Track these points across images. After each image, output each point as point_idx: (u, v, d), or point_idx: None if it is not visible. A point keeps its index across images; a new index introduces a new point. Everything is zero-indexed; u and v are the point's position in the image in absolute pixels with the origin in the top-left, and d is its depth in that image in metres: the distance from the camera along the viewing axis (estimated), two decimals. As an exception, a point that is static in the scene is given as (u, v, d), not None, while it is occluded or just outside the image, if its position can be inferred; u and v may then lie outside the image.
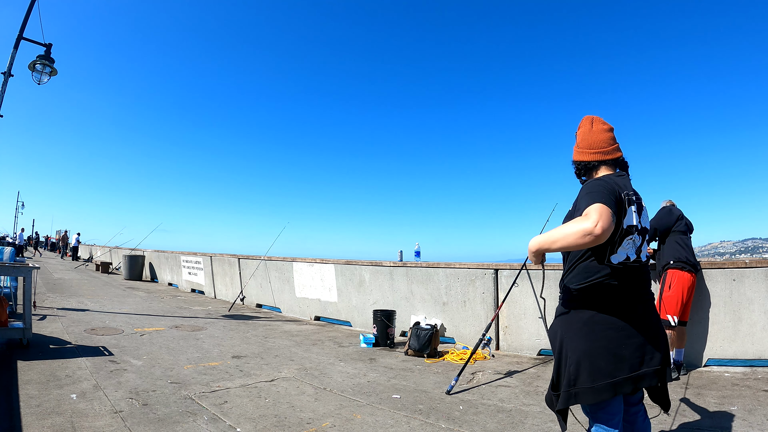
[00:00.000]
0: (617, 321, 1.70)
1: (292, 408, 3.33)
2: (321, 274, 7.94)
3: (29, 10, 7.04)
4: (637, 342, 1.69)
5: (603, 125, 1.96)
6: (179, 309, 8.60)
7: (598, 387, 1.66)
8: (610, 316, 1.70)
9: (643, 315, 1.74)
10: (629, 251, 1.74)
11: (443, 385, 4.02)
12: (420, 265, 6.51)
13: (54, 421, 2.80)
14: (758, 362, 4.33)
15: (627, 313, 1.71)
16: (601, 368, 1.67)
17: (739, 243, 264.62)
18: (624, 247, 1.72)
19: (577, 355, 1.72)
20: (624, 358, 1.67)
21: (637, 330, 1.70)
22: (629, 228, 1.72)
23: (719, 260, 5.77)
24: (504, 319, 5.55)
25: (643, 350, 1.69)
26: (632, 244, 1.74)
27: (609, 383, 1.65)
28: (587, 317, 1.73)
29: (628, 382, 1.66)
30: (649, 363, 1.68)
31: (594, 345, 1.69)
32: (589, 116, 2.00)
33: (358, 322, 7.21)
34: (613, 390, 1.65)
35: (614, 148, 1.92)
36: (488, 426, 3.07)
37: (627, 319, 1.70)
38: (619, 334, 1.69)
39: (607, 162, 1.90)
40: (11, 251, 5.52)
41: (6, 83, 6.91)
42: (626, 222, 1.71)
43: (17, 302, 5.63)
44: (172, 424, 2.90)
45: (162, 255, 14.63)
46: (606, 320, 1.70)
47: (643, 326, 1.71)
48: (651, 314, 1.77)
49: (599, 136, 1.93)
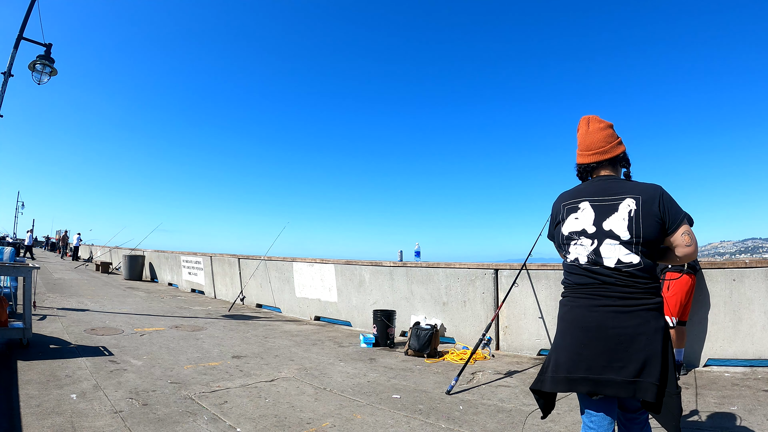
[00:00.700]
0: (582, 321, 1.73)
1: (292, 408, 3.33)
2: (321, 274, 7.94)
3: (29, 10, 7.04)
4: (602, 346, 1.67)
5: (599, 124, 1.95)
6: (179, 309, 8.60)
7: (556, 378, 1.74)
8: (577, 314, 1.76)
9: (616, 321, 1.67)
10: (578, 255, 1.82)
11: (443, 385, 4.02)
12: (420, 265, 6.51)
13: (54, 421, 2.80)
14: (758, 362, 4.34)
15: (595, 316, 1.71)
16: (561, 362, 1.74)
17: (739, 243, 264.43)
18: (572, 252, 1.85)
19: (551, 347, 1.86)
20: (583, 358, 1.69)
21: (605, 335, 1.66)
22: (569, 234, 1.86)
23: (719, 260, 5.76)
24: (504, 319, 5.55)
25: (609, 356, 1.65)
26: (580, 247, 1.82)
27: (565, 377, 1.71)
28: (562, 313, 1.86)
29: (584, 382, 1.67)
30: (619, 371, 1.63)
31: (562, 340, 1.79)
32: (585, 117, 1.99)
33: (358, 322, 7.21)
34: (568, 385, 1.71)
35: (613, 145, 1.91)
36: (488, 426, 3.07)
37: (593, 321, 1.70)
38: (582, 334, 1.72)
39: (603, 162, 1.91)
40: (11, 251, 5.52)
41: (6, 83, 6.91)
42: (566, 229, 1.88)
43: (17, 302, 5.63)
44: (172, 424, 2.90)
45: (162, 255, 14.63)
46: (573, 318, 1.78)
47: (615, 332, 1.66)
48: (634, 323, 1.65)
49: (596, 136, 1.92)
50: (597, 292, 1.73)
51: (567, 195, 1.96)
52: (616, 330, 1.66)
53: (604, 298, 1.71)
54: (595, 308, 1.72)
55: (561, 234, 1.91)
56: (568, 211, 1.90)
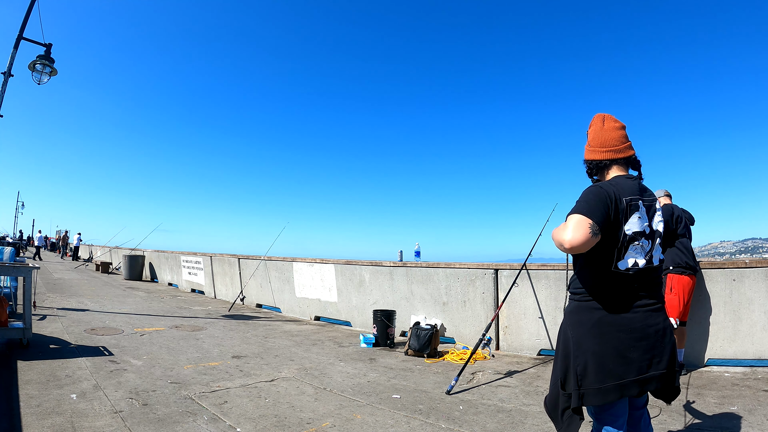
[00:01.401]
0: (627, 323, 1.69)
1: (292, 408, 3.33)
2: (321, 274, 7.94)
3: (29, 10, 7.04)
4: (645, 345, 1.68)
5: (615, 123, 1.92)
6: (179, 309, 8.60)
7: (605, 388, 1.66)
8: (620, 318, 1.70)
9: (653, 319, 1.72)
10: (637, 257, 1.73)
11: (443, 385, 4.02)
12: (420, 265, 6.51)
13: (54, 421, 2.80)
14: (758, 362, 4.33)
15: (637, 316, 1.70)
16: (610, 370, 1.67)
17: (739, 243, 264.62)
18: (631, 253, 1.72)
19: (586, 356, 1.71)
20: (632, 360, 1.67)
21: (646, 333, 1.69)
22: (634, 235, 1.71)
23: (719, 260, 5.77)
24: (504, 319, 5.55)
25: (651, 353, 1.68)
26: (640, 249, 1.73)
27: (616, 385, 1.66)
28: (597, 318, 1.73)
29: (635, 385, 1.66)
30: (657, 366, 1.69)
31: (604, 346, 1.69)
32: (600, 114, 1.96)
33: (358, 322, 7.21)
34: (620, 392, 1.66)
35: (626, 146, 1.88)
36: (488, 426, 3.06)
37: (637, 322, 1.70)
38: (628, 336, 1.68)
39: (618, 161, 1.87)
40: (11, 251, 5.52)
41: (6, 83, 6.91)
42: (629, 229, 1.71)
43: (17, 302, 5.63)
44: (172, 424, 2.90)
45: (162, 255, 14.63)
46: (615, 322, 1.70)
47: (652, 330, 1.70)
48: (661, 318, 1.74)
49: (611, 134, 1.89)
50: (635, 293, 1.73)
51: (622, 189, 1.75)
52: (654, 327, 1.71)
53: (640, 299, 1.73)
54: (635, 309, 1.71)
55: (623, 233, 1.71)
56: (632, 209, 1.73)
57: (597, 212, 1.65)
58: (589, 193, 1.73)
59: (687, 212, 4.62)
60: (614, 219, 1.69)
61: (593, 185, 1.79)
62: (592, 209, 1.65)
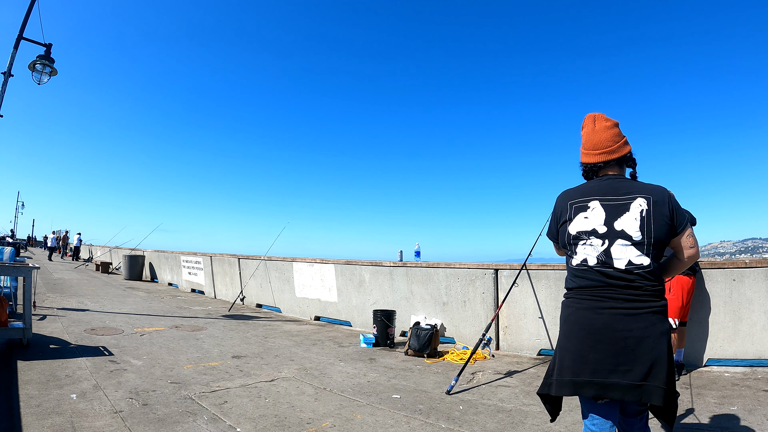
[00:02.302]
0: (589, 323, 1.70)
1: (292, 408, 3.33)
2: (321, 274, 7.94)
3: (29, 10, 7.04)
4: (609, 349, 1.64)
5: (605, 122, 1.90)
6: (179, 309, 8.60)
7: (561, 381, 1.73)
8: (582, 317, 1.73)
9: (622, 323, 1.65)
10: (587, 255, 1.76)
11: (443, 385, 4.02)
12: (420, 265, 6.51)
13: (54, 421, 2.80)
14: (758, 362, 4.33)
15: (601, 318, 1.68)
16: (566, 365, 1.73)
17: (739, 243, 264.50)
18: (580, 251, 1.78)
19: (556, 350, 1.82)
20: (589, 361, 1.67)
21: (613, 337, 1.65)
22: (578, 234, 1.79)
23: (719, 260, 5.76)
24: (504, 319, 5.55)
25: (616, 359, 1.64)
26: (591, 249, 1.75)
27: (570, 380, 1.70)
28: (566, 315, 1.81)
29: (590, 386, 1.66)
30: (625, 375, 1.62)
31: (567, 342, 1.76)
32: (591, 114, 1.95)
33: (358, 322, 7.21)
34: (573, 388, 1.69)
35: (620, 144, 1.87)
36: (488, 426, 3.07)
37: (600, 324, 1.67)
38: (589, 336, 1.69)
39: (611, 162, 1.87)
40: (11, 251, 5.52)
41: (6, 83, 6.91)
42: (573, 228, 1.81)
43: (17, 302, 5.63)
44: (172, 424, 2.90)
45: (162, 255, 14.63)
46: (579, 320, 1.74)
47: (620, 335, 1.64)
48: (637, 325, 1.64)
49: (602, 135, 1.88)
50: (603, 294, 1.70)
51: (574, 193, 1.87)
52: (623, 333, 1.64)
53: (610, 300, 1.68)
54: (601, 310, 1.69)
55: (567, 233, 1.82)
56: (576, 210, 1.81)
57: (550, 226, 1.98)
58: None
59: (688, 212, 4.63)
60: (561, 222, 1.89)
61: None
62: (549, 225, 1.99)
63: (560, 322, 1.85)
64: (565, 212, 1.85)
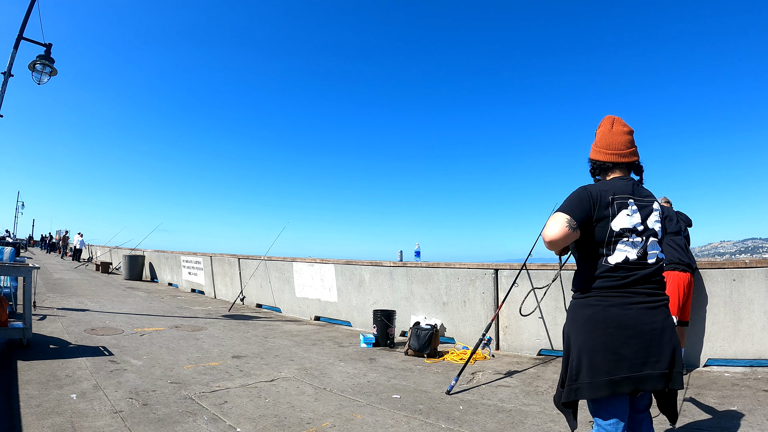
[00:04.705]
0: (620, 320, 1.71)
1: (292, 408, 3.33)
2: (321, 274, 7.94)
3: (29, 10, 7.04)
4: (640, 343, 1.68)
5: (623, 127, 1.96)
6: (179, 309, 8.60)
7: (596, 383, 1.69)
8: (611, 314, 1.72)
9: (648, 317, 1.71)
10: (628, 252, 1.77)
11: (443, 385, 4.02)
12: (420, 265, 6.51)
13: (54, 421, 2.80)
14: (758, 362, 4.34)
15: (630, 313, 1.71)
16: (599, 365, 1.70)
17: (739, 243, 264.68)
18: (620, 248, 1.77)
19: (579, 351, 1.76)
20: (624, 357, 1.68)
21: (642, 331, 1.69)
22: (621, 231, 1.77)
23: (719, 260, 5.77)
24: (504, 319, 5.55)
25: (647, 352, 1.68)
26: (631, 245, 1.77)
27: (607, 380, 1.68)
28: (590, 314, 1.77)
29: (627, 382, 1.67)
30: (655, 366, 1.68)
31: (594, 342, 1.73)
32: (610, 116, 2.01)
33: (358, 322, 7.21)
34: (611, 388, 1.67)
35: (631, 151, 1.93)
36: (488, 426, 3.07)
37: (631, 319, 1.70)
38: (621, 332, 1.69)
39: (621, 165, 1.92)
40: (11, 251, 5.52)
41: (6, 83, 6.90)
42: (617, 225, 1.78)
43: (17, 302, 5.63)
44: (172, 424, 2.91)
45: (162, 255, 14.63)
46: (608, 318, 1.72)
47: (647, 327, 1.69)
48: (659, 317, 1.73)
49: (618, 138, 1.93)
50: (630, 290, 1.74)
51: (612, 189, 1.82)
52: (650, 325, 1.70)
53: (635, 296, 1.73)
54: (629, 306, 1.72)
55: (610, 229, 1.77)
56: (619, 206, 1.79)
57: (576, 209, 1.78)
58: (573, 193, 1.86)
59: (683, 214, 4.67)
60: (597, 216, 1.78)
61: (579, 187, 1.88)
62: (572, 207, 1.79)
63: (579, 321, 1.79)
64: (608, 206, 1.78)
